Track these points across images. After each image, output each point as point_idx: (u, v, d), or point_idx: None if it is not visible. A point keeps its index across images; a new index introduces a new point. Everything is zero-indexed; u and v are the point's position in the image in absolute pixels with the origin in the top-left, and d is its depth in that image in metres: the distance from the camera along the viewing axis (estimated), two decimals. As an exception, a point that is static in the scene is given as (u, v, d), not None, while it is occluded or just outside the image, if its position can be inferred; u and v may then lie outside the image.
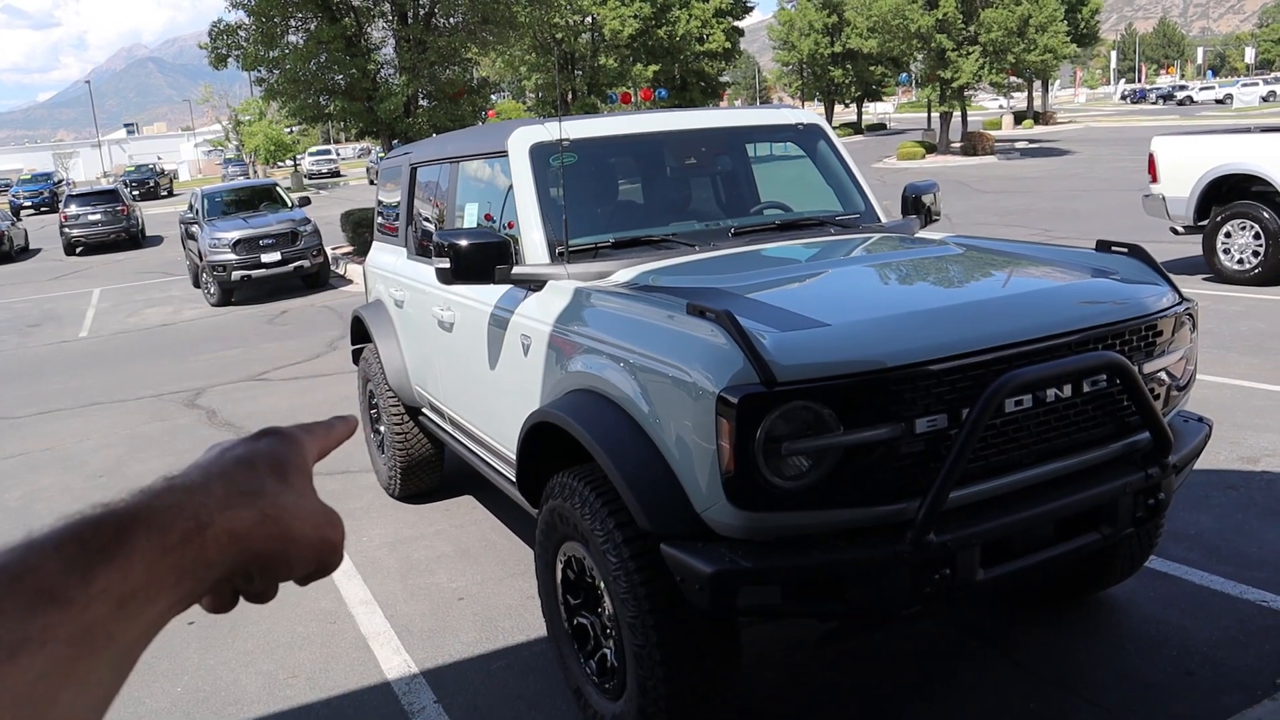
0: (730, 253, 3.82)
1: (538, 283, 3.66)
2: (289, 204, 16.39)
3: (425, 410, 5.24)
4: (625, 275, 3.53)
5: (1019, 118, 53.06)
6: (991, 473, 2.72)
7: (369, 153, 63.53)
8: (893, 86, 64.38)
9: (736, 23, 47.66)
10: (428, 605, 4.48)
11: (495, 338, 3.93)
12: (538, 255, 3.75)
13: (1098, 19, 51.64)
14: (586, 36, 38.86)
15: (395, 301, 5.35)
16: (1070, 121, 54.68)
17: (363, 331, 5.73)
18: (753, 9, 48.59)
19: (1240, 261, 9.74)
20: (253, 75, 17.96)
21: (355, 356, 6.00)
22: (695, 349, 2.64)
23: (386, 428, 5.53)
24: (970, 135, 35.14)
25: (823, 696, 3.52)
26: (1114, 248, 3.41)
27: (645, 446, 2.76)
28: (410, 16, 16.93)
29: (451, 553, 5.02)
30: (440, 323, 4.58)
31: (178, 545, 0.52)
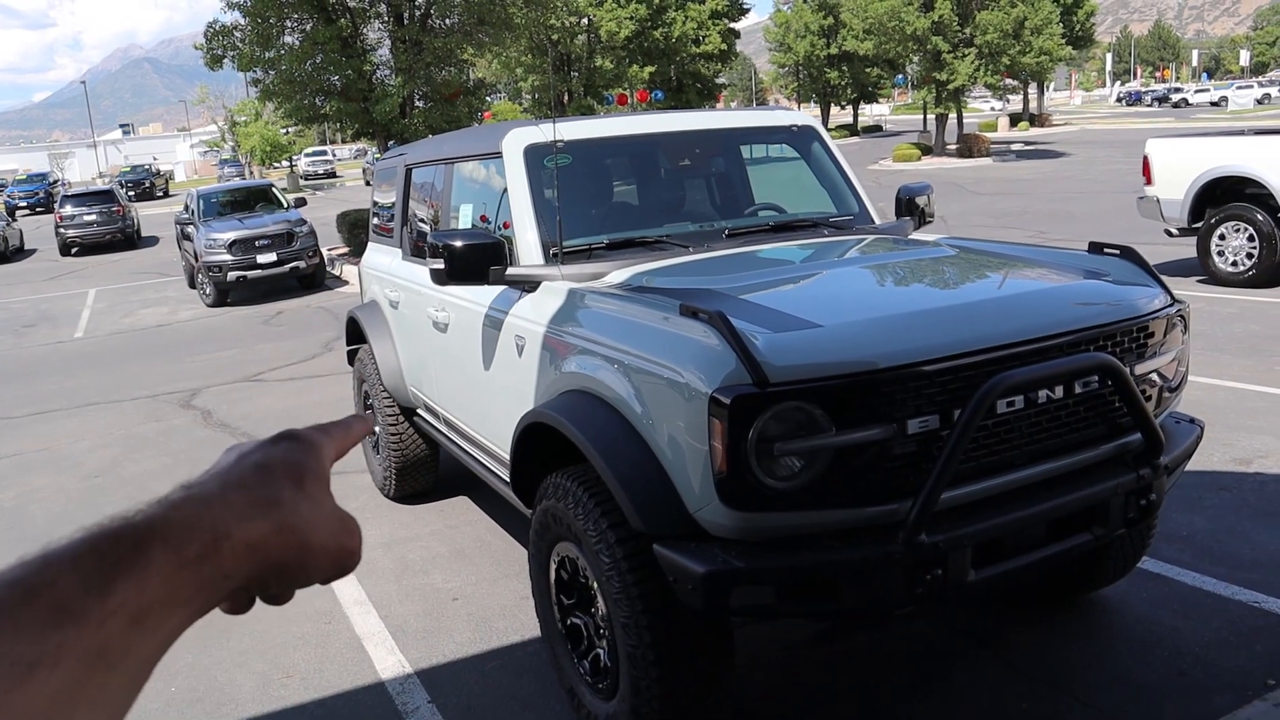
0: (724, 254, 3.83)
1: (532, 284, 3.66)
2: (285, 205, 16.40)
3: (420, 411, 5.24)
4: (619, 276, 3.54)
5: (1015, 120, 53.15)
6: (983, 473, 2.73)
7: (365, 154, 63.46)
8: (889, 89, 64.48)
9: (732, 24, 47.63)
10: (422, 606, 4.48)
11: (489, 338, 3.94)
12: (532, 256, 3.75)
13: (1093, 21, 51.66)
14: (583, 38, 38.85)
15: (390, 302, 5.35)
16: (1066, 124, 54.77)
17: (358, 332, 5.73)
18: (749, 11, 48.57)
19: (1234, 264, 9.77)
20: (248, 76, 17.93)
21: (350, 357, 6.00)
22: (688, 350, 2.65)
23: (381, 428, 5.53)
24: (966, 137, 35.20)
25: (817, 697, 3.52)
26: (1106, 249, 3.43)
27: (638, 447, 2.77)
28: (406, 17, 16.92)
29: (446, 553, 5.02)
30: (435, 323, 4.58)
31: (195, 559, 0.52)
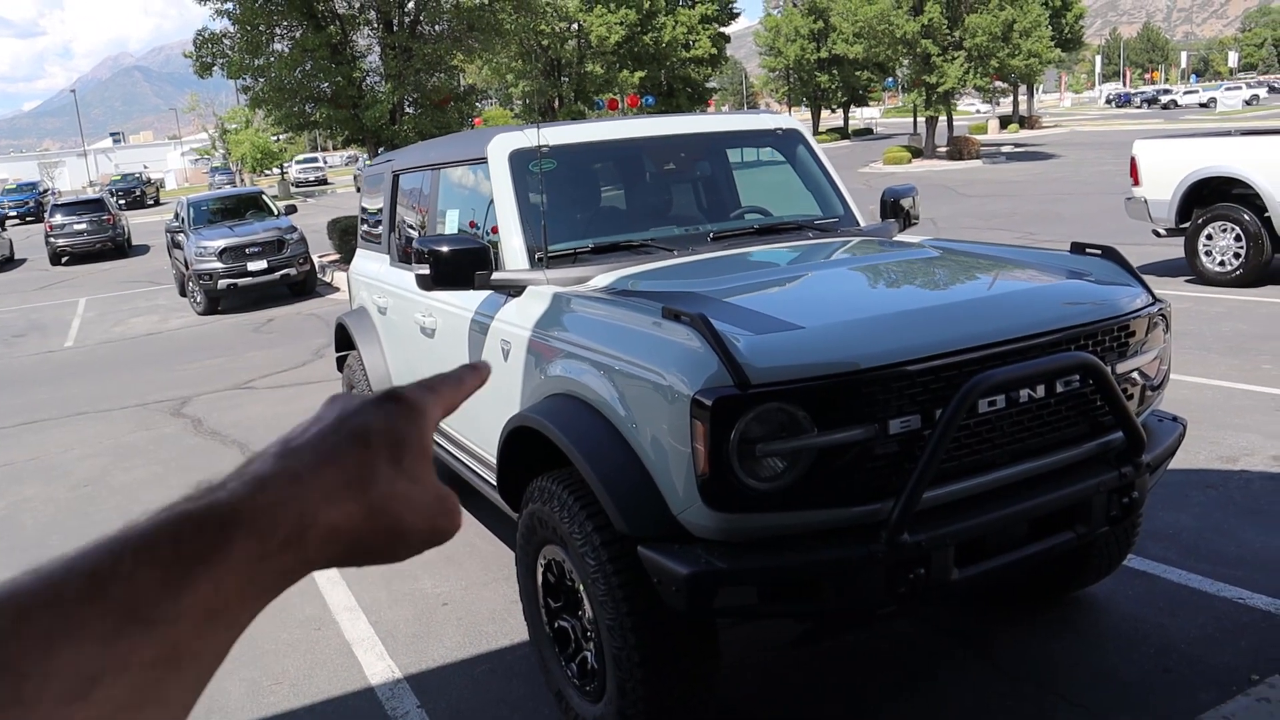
0: (708, 257, 3.85)
1: (517, 288, 3.67)
2: (275, 212, 16.38)
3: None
4: (604, 280, 3.55)
5: (1005, 122, 53.32)
6: (965, 473, 2.74)
7: (356, 160, 63.40)
8: (879, 92, 64.63)
9: (722, 29, 47.74)
10: (411, 611, 4.49)
11: (476, 343, 3.95)
12: (517, 261, 3.77)
13: (1082, 24, 51.98)
14: (573, 43, 38.91)
15: (379, 308, 5.36)
16: (1055, 126, 54.94)
17: (346, 338, 5.73)
18: (738, 15, 48.70)
19: (1222, 263, 9.81)
20: (238, 84, 17.90)
21: (339, 364, 6.01)
22: (671, 353, 2.66)
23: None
24: (956, 140, 35.30)
25: (804, 697, 3.54)
26: (1087, 250, 3.45)
27: (622, 450, 2.78)
28: (395, 24, 16.91)
29: (435, 558, 5.02)
30: (422, 329, 4.59)
31: (278, 550, 0.47)
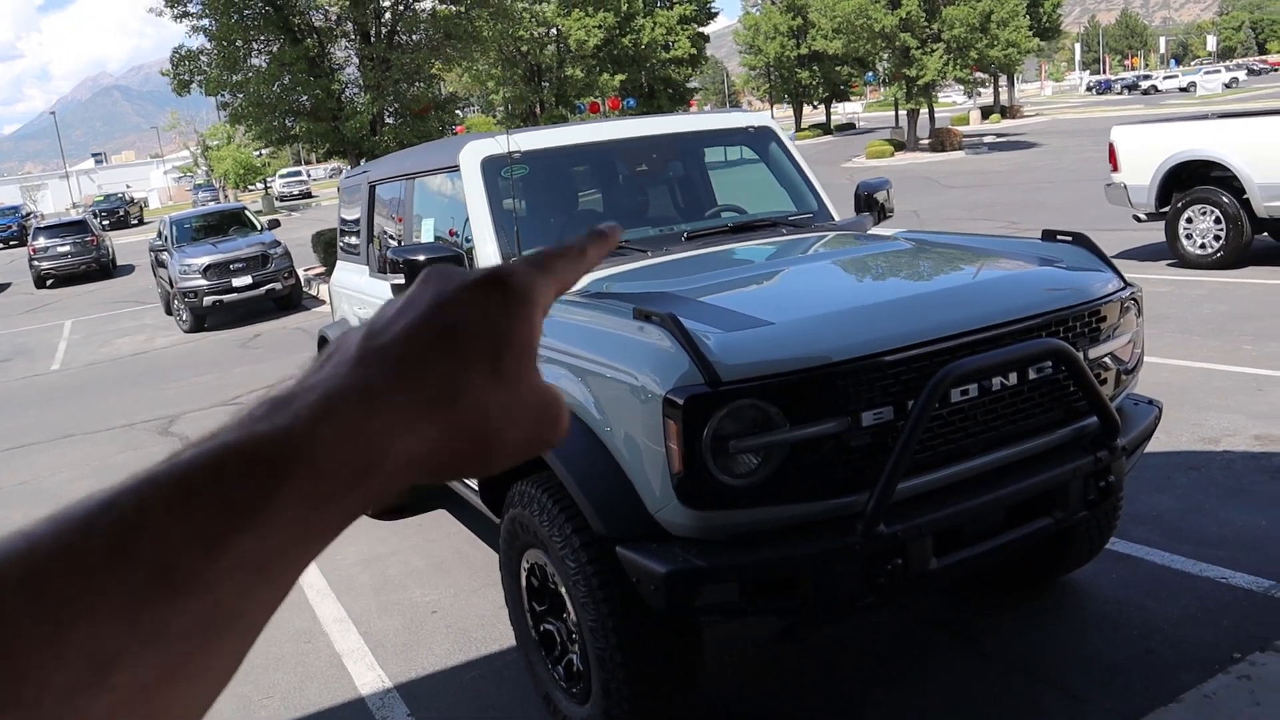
0: (683, 256, 3.86)
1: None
2: (258, 227, 16.36)
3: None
4: (579, 283, 3.55)
5: (986, 112, 53.46)
6: (940, 462, 2.76)
7: (340, 173, 63.31)
8: (860, 86, 64.76)
9: (701, 29, 47.85)
10: (401, 620, 4.49)
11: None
12: (492, 267, 3.77)
13: (1060, 12, 52.14)
14: (552, 48, 38.91)
15: (360, 320, 5.36)
16: (1037, 114, 55.12)
17: (329, 351, 5.73)
18: (716, 15, 48.80)
19: (1202, 246, 9.86)
20: (218, 100, 17.89)
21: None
22: (642, 353, 2.67)
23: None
24: (938, 131, 35.39)
25: (790, 690, 3.55)
26: (1059, 236, 3.47)
27: (598, 452, 2.80)
28: (373, 35, 16.93)
29: (424, 567, 5.03)
30: (402, 339, 4.59)
31: (340, 490, 0.39)
